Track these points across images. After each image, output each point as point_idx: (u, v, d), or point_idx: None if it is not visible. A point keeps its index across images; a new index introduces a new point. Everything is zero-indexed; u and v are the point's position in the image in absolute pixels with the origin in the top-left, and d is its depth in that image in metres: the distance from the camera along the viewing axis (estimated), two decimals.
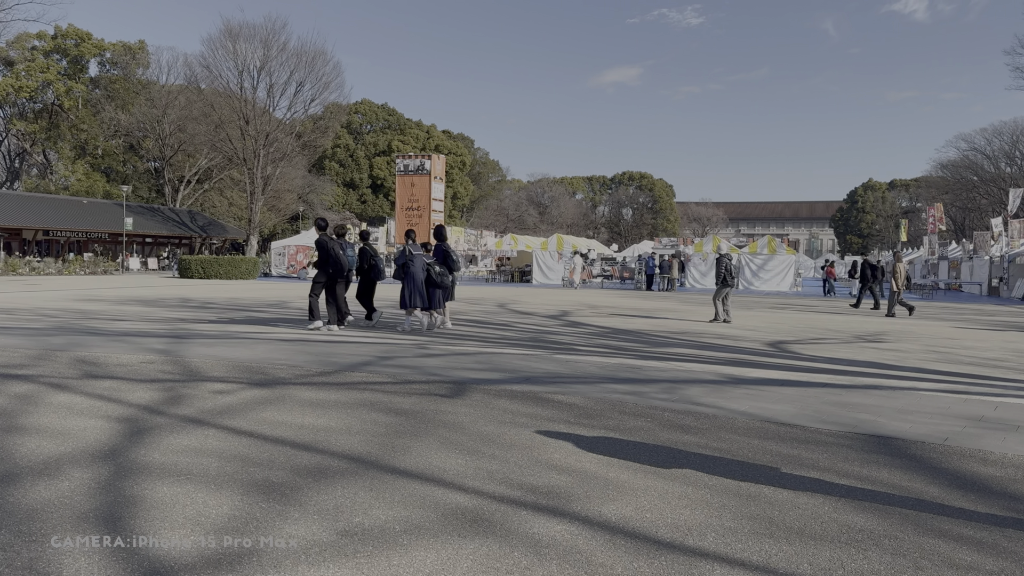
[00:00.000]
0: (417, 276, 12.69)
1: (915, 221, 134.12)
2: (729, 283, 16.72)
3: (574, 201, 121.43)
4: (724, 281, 16.73)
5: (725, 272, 16.73)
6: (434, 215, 38.18)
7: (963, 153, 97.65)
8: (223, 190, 73.63)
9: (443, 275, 12.81)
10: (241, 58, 55.97)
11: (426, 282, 12.81)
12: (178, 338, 10.89)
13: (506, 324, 14.39)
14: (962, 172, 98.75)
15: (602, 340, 11.89)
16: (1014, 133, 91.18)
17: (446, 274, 12.90)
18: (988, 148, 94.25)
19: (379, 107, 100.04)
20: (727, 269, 16.74)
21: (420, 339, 11.38)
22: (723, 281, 16.74)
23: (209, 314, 15.44)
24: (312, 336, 11.50)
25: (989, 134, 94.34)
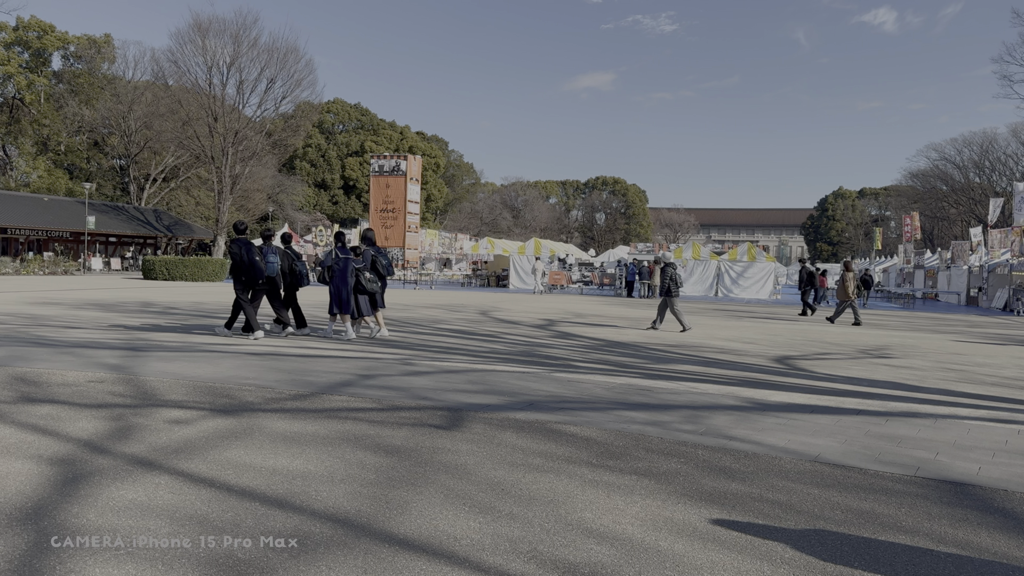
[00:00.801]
0: (344, 281, 12.07)
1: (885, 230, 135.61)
2: (673, 292, 16.24)
3: (547, 205, 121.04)
4: (668, 291, 16.22)
5: (670, 282, 16.22)
6: (410, 218, 37.15)
7: (933, 163, 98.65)
8: (190, 189, 71.86)
9: (373, 281, 12.23)
10: (210, 53, 54.52)
11: (355, 288, 12.17)
12: (135, 350, 9.85)
13: (492, 335, 13.49)
14: (932, 181, 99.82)
15: (599, 354, 11.04)
16: (983, 143, 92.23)
17: (376, 280, 12.30)
18: (958, 158, 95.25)
19: (352, 107, 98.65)
20: (672, 279, 16.24)
21: (403, 353, 10.45)
22: (667, 291, 16.23)
23: (171, 321, 14.36)
24: (284, 348, 10.52)
25: (959, 144, 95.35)
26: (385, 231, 36.94)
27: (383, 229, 37.03)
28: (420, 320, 16.38)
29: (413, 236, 37.64)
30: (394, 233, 36.90)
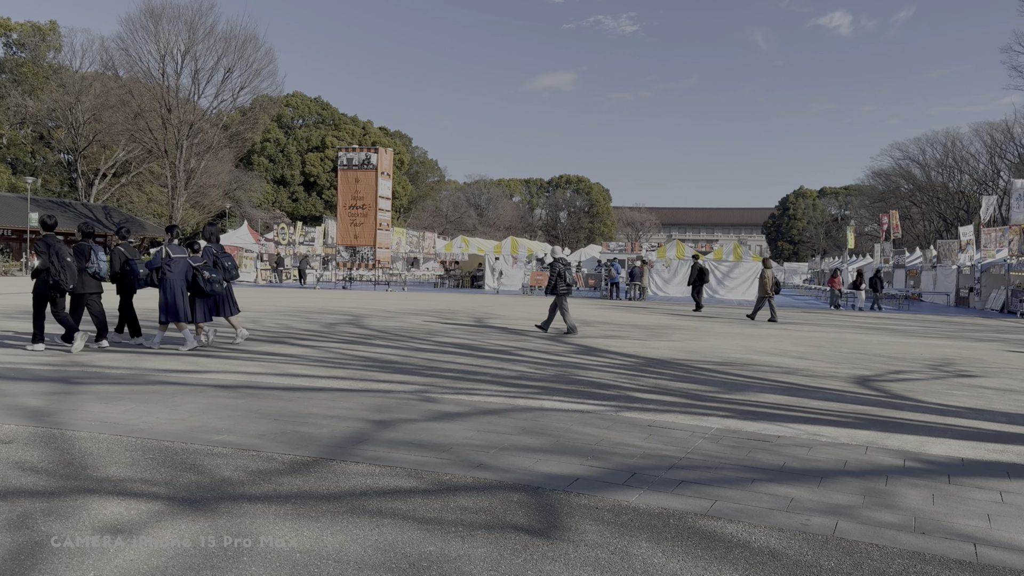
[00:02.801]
0: (176, 283, 10.64)
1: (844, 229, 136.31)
2: (561, 290, 14.84)
3: (511, 203, 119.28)
4: (555, 288, 14.83)
5: (557, 278, 14.81)
6: (381, 215, 34.80)
7: (897, 162, 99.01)
8: (142, 185, 68.34)
9: (213, 282, 10.73)
10: (163, 40, 51.48)
11: (193, 291, 10.84)
12: (67, 382, 7.56)
13: (506, 351, 11.40)
14: (896, 181, 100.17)
15: (649, 378, 9.02)
16: (947, 143, 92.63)
17: (217, 281, 10.84)
18: (921, 157, 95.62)
19: (312, 101, 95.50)
20: (560, 275, 14.82)
21: (413, 381, 8.29)
22: (554, 289, 14.84)
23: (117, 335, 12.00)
24: (257, 375, 8.30)
25: (923, 143, 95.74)
26: (355, 229, 34.58)
27: (352, 227, 34.68)
28: (412, 331, 14.21)
29: (384, 234, 35.33)
30: (364, 231, 34.55)
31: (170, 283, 10.55)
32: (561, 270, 14.98)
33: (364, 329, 14.29)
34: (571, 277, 15.09)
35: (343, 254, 34.97)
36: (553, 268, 15.08)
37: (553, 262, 15.23)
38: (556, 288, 14.95)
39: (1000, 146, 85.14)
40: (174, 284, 10.57)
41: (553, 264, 15.17)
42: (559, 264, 15.09)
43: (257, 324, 14.68)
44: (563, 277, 14.95)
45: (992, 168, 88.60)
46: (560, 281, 14.93)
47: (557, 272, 14.99)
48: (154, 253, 10.72)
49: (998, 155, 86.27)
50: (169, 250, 10.64)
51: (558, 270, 14.99)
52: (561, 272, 14.96)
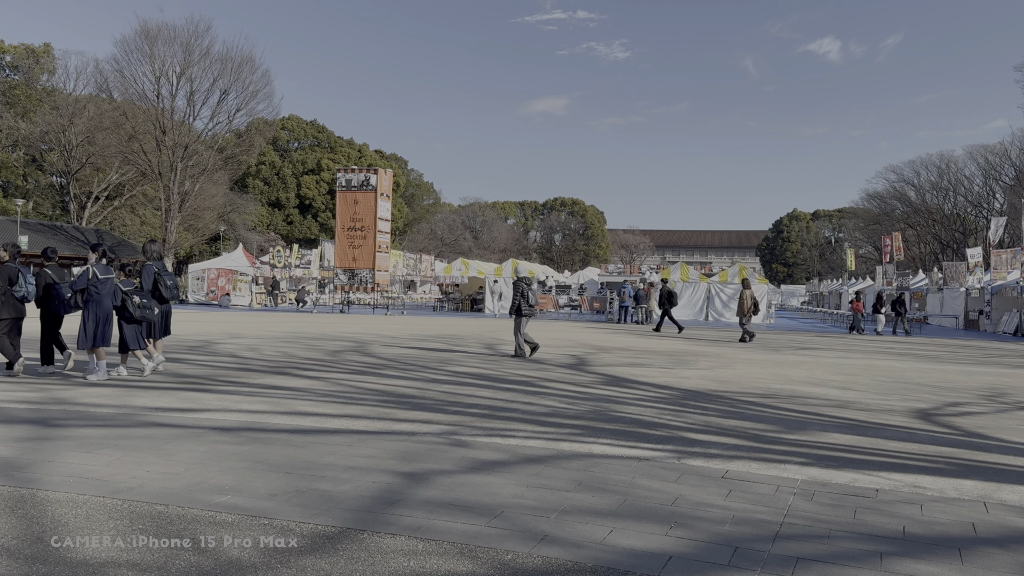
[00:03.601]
0: (103, 306, 9.74)
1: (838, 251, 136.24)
2: (525, 312, 14.46)
3: (506, 226, 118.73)
4: (519, 309, 14.25)
5: (520, 298, 14.23)
6: (380, 236, 33.94)
7: (892, 184, 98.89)
8: (135, 208, 67.44)
9: (145, 307, 10.07)
10: (159, 62, 50.76)
11: (122, 317, 10.06)
12: (46, 424, 6.64)
13: (530, 382, 10.50)
14: (891, 203, 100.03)
15: (695, 415, 8.14)
16: (941, 165, 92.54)
17: (148, 307, 10.12)
18: (916, 180, 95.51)
19: (308, 124, 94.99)
20: (523, 295, 14.25)
21: (437, 420, 7.38)
22: (517, 310, 14.26)
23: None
24: (260, 414, 7.38)
25: (917, 165, 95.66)
26: (353, 251, 33.72)
27: (350, 249, 33.81)
28: (423, 360, 13.30)
29: (383, 257, 34.47)
30: (363, 253, 33.68)
31: (95, 306, 9.62)
32: (524, 290, 14.44)
33: (371, 357, 13.38)
34: (533, 298, 14.61)
35: (341, 277, 34.07)
36: (516, 288, 14.52)
37: (516, 281, 14.66)
38: (520, 309, 14.41)
39: (995, 168, 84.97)
40: (99, 307, 9.64)
41: (516, 284, 14.61)
42: (522, 284, 14.53)
43: (256, 352, 13.75)
44: (526, 298, 14.42)
45: (987, 190, 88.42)
46: (523, 302, 14.40)
47: (520, 292, 14.43)
48: (79, 274, 9.73)
49: (993, 177, 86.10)
50: (96, 270, 9.68)
51: (521, 290, 14.44)
52: (524, 292, 14.42)
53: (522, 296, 14.40)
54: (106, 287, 9.75)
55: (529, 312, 14.48)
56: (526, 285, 14.51)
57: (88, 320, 9.60)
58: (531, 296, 14.49)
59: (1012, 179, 79.94)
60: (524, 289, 14.45)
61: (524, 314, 14.43)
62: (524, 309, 14.42)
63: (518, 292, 14.43)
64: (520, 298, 14.41)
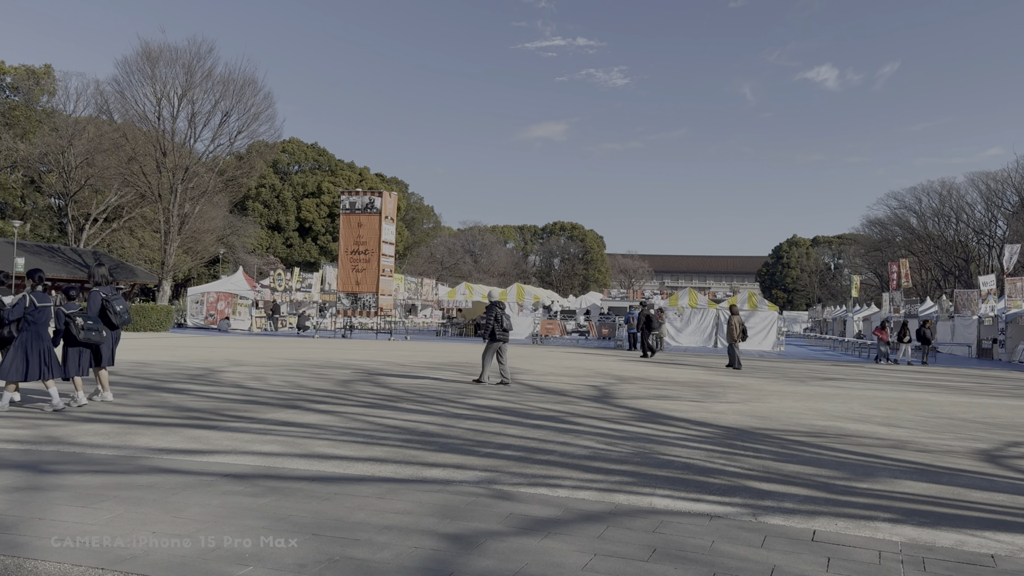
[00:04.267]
0: (36, 335, 8.98)
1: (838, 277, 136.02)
2: (499, 337, 13.97)
3: (506, 250, 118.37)
4: (493, 335, 13.74)
5: (494, 323, 13.73)
6: (384, 260, 33.31)
7: (893, 211, 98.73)
8: (134, 230, 66.82)
9: (91, 328, 9.47)
10: (160, 83, 50.35)
11: (67, 340, 9.47)
12: (37, 470, 5.94)
13: (557, 418, 9.80)
14: (893, 230, 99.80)
15: (747, 457, 7.45)
16: (942, 192, 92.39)
17: (96, 327, 9.54)
18: (918, 206, 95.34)
19: (308, 147, 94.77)
20: (497, 319, 13.74)
21: (468, 464, 6.69)
22: (491, 335, 13.74)
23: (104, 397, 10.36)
24: (280, 460, 6.69)
25: (918, 192, 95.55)
26: (356, 275, 33.08)
27: (354, 272, 33.17)
28: (439, 391, 12.60)
29: (387, 281, 33.82)
30: (367, 277, 33.04)
31: (29, 336, 8.89)
32: (498, 315, 13.98)
33: (384, 388, 12.68)
34: (508, 323, 14.15)
35: (344, 301, 33.39)
36: (490, 312, 14.04)
37: (490, 305, 14.18)
38: (494, 334, 13.92)
39: (997, 195, 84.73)
40: (32, 337, 8.90)
41: (490, 308, 14.13)
42: (496, 308, 14.08)
43: (262, 382, 13.05)
44: (500, 322, 13.95)
45: (989, 216, 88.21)
46: (497, 327, 13.92)
47: (494, 317, 13.95)
48: (15, 302, 8.88)
49: (995, 204, 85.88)
50: (33, 298, 8.97)
51: (495, 315, 13.98)
52: (498, 317, 13.96)
53: (496, 321, 13.95)
54: (43, 315, 9.02)
55: (503, 337, 14.04)
56: (500, 310, 14.09)
57: (17, 349, 8.79)
58: (505, 321, 14.08)
59: (1015, 206, 79.73)
60: (498, 314, 14.01)
61: (498, 339, 14.00)
62: (498, 334, 13.97)
63: (491, 316, 13.99)
64: (494, 323, 13.94)
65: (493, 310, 14.08)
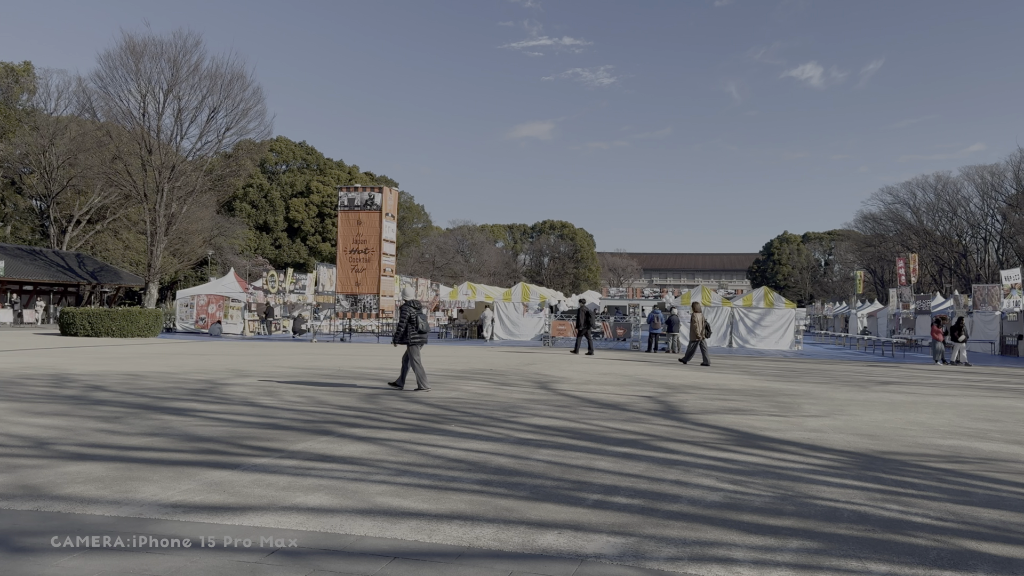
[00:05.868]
0: None
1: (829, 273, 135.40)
2: (414, 339, 12.73)
3: (496, 249, 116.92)
4: (405, 335, 12.50)
5: (408, 324, 12.43)
6: (385, 259, 31.61)
7: (888, 206, 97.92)
8: (119, 231, 64.70)
9: None
10: (145, 78, 48.36)
11: None
12: (7, 548, 4.28)
13: (634, 441, 8.19)
14: (886, 224, 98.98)
15: (919, 499, 5.89)
16: (937, 186, 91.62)
17: None
18: (912, 201, 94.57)
19: (296, 145, 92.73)
20: (411, 320, 12.40)
21: (595, 526, 5.09)
22: (403, 336, 12.52)
23: (91, 421, 8.67)
24: (336, 521, 5.06)
25: (913, 187, 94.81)
26: (356, 275, 31.36)
27: (353, 273, 31.45)
28: (484, 407, 10.95)
29: (388, 281, 32.13)
30: (367, 277, 31.33)
31: None
32: (413, 315, 12.63)
33: (417, 404, 11.03)
34: (424, 324, 12.72)
35: (343, 303, 31.68)
36: (403, 312, 12.67)
37: (404, 305, 12.78)
38: (407, 336, 12.59)
39: (995, 188, 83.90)
40: None
41: (404, 308, 12.73)
42: (410, 308, 12.71)
43: (275, 398, 11.37)
44: (415, 323, 12.62)
45: (985, 210, 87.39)
46: (411, 328, 12.60)
47: (408, 317, 12.61)
48: None
49: (992, 197, 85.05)
50: None
51: (409, 315, 12.62)
52: (413, 317, 12.62)
53: (410, 321, 12.60)
54: None
55: (419, 339, 12.68)
56: (415, 309, 12.73)
57: None
58: (420, 321, 12.67)
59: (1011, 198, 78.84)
60: (412, 314, 12.67)
61: (414, 341, 12.63)
62: (412, 336, 12.59)
63: (405, 317, 12.63)
64: (407, 324, 12.59)
65: (407, 310, 12.67)
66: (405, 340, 12.62)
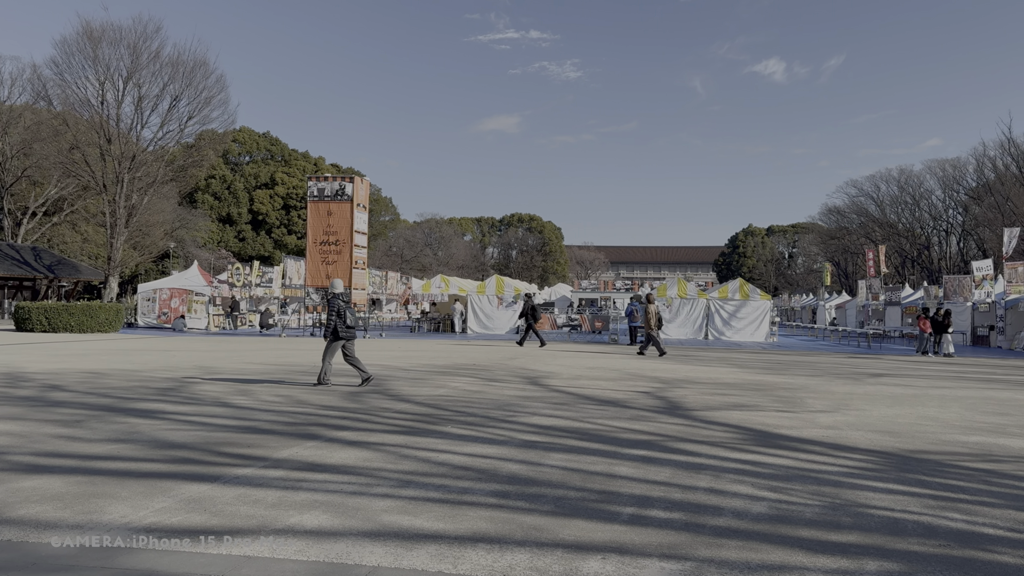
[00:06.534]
0: None
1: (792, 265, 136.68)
2: (343, 334, 12.03)
3: (464, 242, 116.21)
4: (335, 332, 11.83)
5: (336, 318, 11.81)
6: (357, 251, 30.71)
7: (853, 199, 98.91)
8: (77, 224, 62.71)
9: None
10: (103, 65, 46.70)
11: None
12: None
13: (647, 442, 7.59)
14: (850, 217, 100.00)
15: (975, 505, 5.36)
16: (901, 179, 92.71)
17: None
18: (876, 194, 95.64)
19: (260, 136, 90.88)
20: (339, 314, 12.00)
21: (637, 548, 4.46)
22: (334, 332, 11.83)
23: (49, 426, 7.85)
24: (341, 547, 4.37)
25: (877, 180, 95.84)
26: (327, 267, 30.41)
27: (324, 265, 30.50)
28: (479, 407, 10.27)
29: (360, 274, 31.25)
30: (338, 270, 30.40)
31: None
32: (340, 308, 11.98)
33: (406, 403, 10.32)
34: (352, 318, 12.09)
35: (313, 296, 30.72)
36: (331, 306, 11.98)
37: (331, 298, 12.09)
38: (336, 331, 11.94)
39: (957, 181, 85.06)
40: None
41: (331, 301, 12.04)
42: (338, 302, 12.04)
43: (251, 398, 10.58)
44: (342, 317, 11.97)
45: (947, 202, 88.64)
46: (339, 322, 11.94)
47: (336, 310, 11.93)
48: None
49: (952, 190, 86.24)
50: None
51: (337, 308, 11.95)
52: (340, 311, 11.96)
53: (338, 315, 11.94)
54: None
55: (348, 334, 12.06)
56: (343, 303, 12.10)
57: None
58: (349, 316, 12.05)
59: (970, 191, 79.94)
60: (340, 307, 12.00)
61: (342, 336, 12.01)
62: (341, 331, 11.97)
63: (333, 311, 11.93)
64: (336, 318, 11.92)
65: (335, 303, 11.99)
66: (335, 334, 11.93)
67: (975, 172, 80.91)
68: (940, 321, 24.49)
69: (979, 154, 72.93)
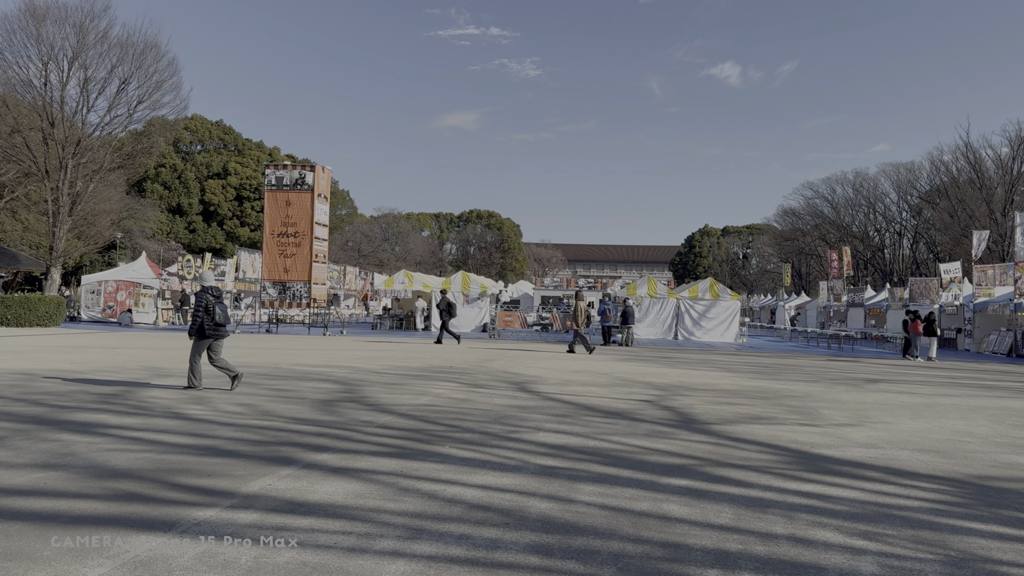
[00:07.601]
0: None
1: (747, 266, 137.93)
2: (210, 332, 10.87)
3: (422, 238, 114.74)
4: (201, 329, 10.71)
5: (204, 314, 10.67)
6: (317, 244, 29.22)
7: (809, 200, 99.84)
8: (16, 211, 59.68)
9: None
10: (47, 44, 44.22)
11: None
12: None
13: (681, 466, 6.52)
14: (805, 219, 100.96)
15: None
16: (856, 181, 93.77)
17: None
18: (832, 196, 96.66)
19: (213, 124, 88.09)
20: (207, 310, 10.79)
21: None
22: (200, 330, 10.72)
23: None
24: None
25: (832, 182, 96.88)
26: (285, 260, 28.90)
27: (282, 258, 28.97)
28: (474, 421, 9.09)
29: (320, 268, 29.77)
30: (297, 263, 28.92)
31: None
32: (209, 304, 10.76)
33: (387, 414, 9.10)
34: (222, 315, 10.81)
35: (270, 291, 29.17)
36: (199, 300, 10.78)
37: (200, 292, 10.86)
38: (203, 328, 10.77)
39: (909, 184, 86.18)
40: None
41: (200, 295, 10.82)
42: (207, 296, 10.81)
43: (208, 407, 9.25)
44: (211, 313, 10.77)
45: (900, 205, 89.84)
46: (207, 318, 10.76)
47: (204, 305, 10.73)
48: None
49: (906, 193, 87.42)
50: None
51: (205, 303, 10.75)
52: (209, 306, 10.76)
53: (205, 311, 10.73)
54: None
55: (215, 333, 10.85)
56: (213, 297, 10.84)
57: None
58: (219, 312, 10.78)
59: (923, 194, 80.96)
60: (209, 302, 10.76)
61: (209, 335, 10.83)
62: (208, 329, 10.78)
63: (200, 306, 10.73)
64: (203, 314, 10.73)
65: (203, 297, 10.76)
66: (202, 332, 10.72)
67: (928, 176, 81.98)
68: (928, 325, 24.01)
69: (935, 158, 73.77)
